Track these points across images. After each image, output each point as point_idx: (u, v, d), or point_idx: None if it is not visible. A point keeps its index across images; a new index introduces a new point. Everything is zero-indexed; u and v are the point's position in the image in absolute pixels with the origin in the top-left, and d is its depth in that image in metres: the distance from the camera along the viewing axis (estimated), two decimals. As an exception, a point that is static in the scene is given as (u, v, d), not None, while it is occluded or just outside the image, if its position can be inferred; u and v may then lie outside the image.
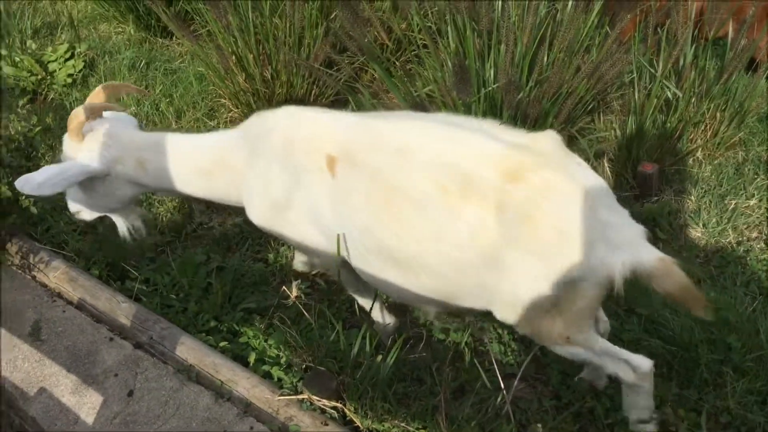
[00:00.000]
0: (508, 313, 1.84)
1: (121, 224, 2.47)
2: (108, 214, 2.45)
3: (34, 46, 4.20)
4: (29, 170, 2.42)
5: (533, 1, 2.82)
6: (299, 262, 2.70)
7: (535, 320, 1.82)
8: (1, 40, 4.22)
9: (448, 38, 3.13)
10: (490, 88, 2.85)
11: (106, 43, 4.40)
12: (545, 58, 2.88)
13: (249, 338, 2.49)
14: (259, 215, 2.12)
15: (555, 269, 1.70)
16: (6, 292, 2.71)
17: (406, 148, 1.84)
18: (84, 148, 2.20)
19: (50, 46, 4.26)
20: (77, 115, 2.18)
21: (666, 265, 1.70)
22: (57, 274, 2.69)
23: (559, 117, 2.75)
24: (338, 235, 1.96)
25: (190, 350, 2.36)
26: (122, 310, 2.52)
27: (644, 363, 1.92)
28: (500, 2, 2.95)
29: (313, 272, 2.75)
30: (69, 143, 2.23)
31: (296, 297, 2.45)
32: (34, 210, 2.72)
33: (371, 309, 2.31)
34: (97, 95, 2.30)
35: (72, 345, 2.49)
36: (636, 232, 1.75)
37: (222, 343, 2.45)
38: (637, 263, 1.69)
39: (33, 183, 2.13)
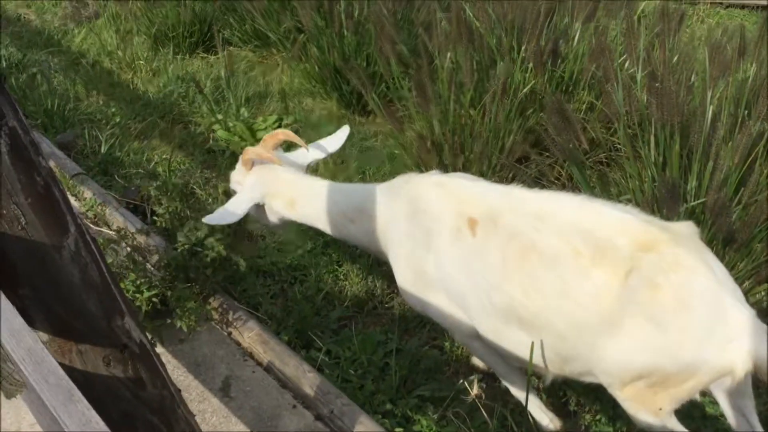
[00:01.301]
0: (614, 377, 1.88)
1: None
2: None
3: (246, 113, 4.60)
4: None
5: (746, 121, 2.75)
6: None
7: (640, 390, 1.85)
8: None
9: (649, 147, 3.09)
10: (692, 204, 2.77)
11: (310, 116, 4.74)
12: (759, 180, 2.77)
13: (422, 427, 2.53)
14: (401, 278, 2.33)
15: (672, 341, 1.74)
16: (204, 345, 2.93)
17: (545, 213, 1.98)
18: (249, 179, 2.62)
19: (260, 116, 4.65)
20: (248, 152, 2.61)
21: None
22: (251, 335, 2.87)
23: (771, 245, 2.61)
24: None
25: (367, 431, 2.42)
26: (308, 379, 2.64)
27: None
28: (708, 115, 2.89)
29: (490, 369, 2.75)
30: (240, 170, 2.68)
31: (477, 395, 2.46)
32: (243, 266, 2.93)
33: (526, 402, 2.29)
34: (272, 137, 2.66)
35: (258, 406, 2.64)
36: (761, 327, 1.74)
37: (397, 429, 2.50)
38: (760, 356, 1.69)
39: (218, 216, 2.55)
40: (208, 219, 2.55)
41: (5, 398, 1.30)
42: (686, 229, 1.91)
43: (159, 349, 2.84)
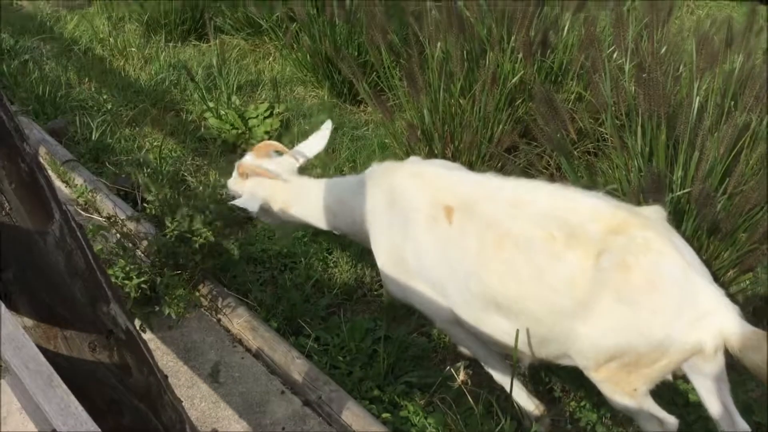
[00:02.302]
0: (589, 358, 1.94)
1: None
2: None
3: (238, 101, 4.60)
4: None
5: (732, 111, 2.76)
6: (465, 344, 2.75)
7: (613, 370, 1.91)
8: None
9: (636, 137, 3.11)
10: (678, 194, 2.80)
11: (301, 105, 4.74)
12: (743, 170, 2.79)
13: (409, 413, 2.55)
14: (382, 266, 2.39)
15: (642, 321, 1.80)
16: (193, 331, 2.95)
17: (520, 201, 2.04)
18: (246, 188, 2.76)
19: (252, 104, 4.65)
20: (243, 166, 2.77)
21: (759, 338, 1.73)
22: (240, 322, 2.89)
23: (754, 235, 2.64)
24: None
25: (355, 417, 2.44)
26: (296, 365, 2.66)
27: (671, 420, 2.02)
28: (695, 106, 2.91)
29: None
30: (237, 180, 2.82)
31: (463, 381, 2.49)
32: (235, 253, 2.95)
33: (511, 388, 2.33)
34: (263, 148, 2.81)
35: (246, 392, 2.66)
36: (729, 306, 1.80)
37: (384, 414, 2.53)
38: (729, 332, 1.75)
39: (241, 202, 2.69)
40: (236, 202, 2.69)
41: (-12, 382, 1.32)
42: (655, 213, 1.97)
43: (148, 335, 2.86)
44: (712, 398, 2.02)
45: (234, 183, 2.85)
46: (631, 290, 1.81)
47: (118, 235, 3.01)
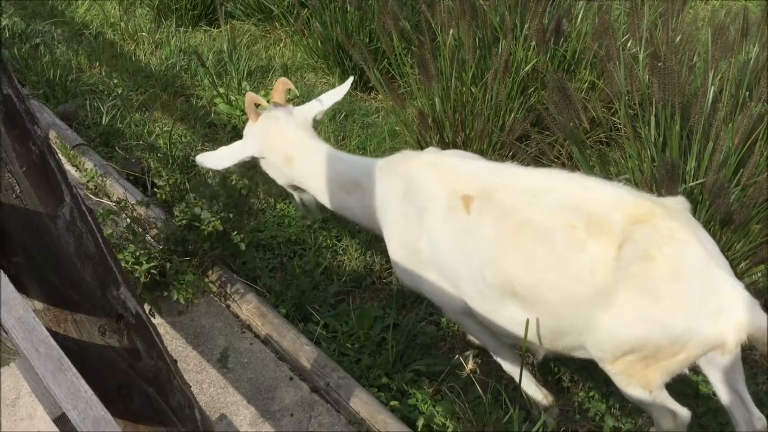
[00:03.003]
0: (606, 349, 1.91)
1: (296, 197, 2.73)
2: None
3: (248, 87, 4.58)
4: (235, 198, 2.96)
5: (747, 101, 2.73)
6: (474, 334, 2.74)
7: (630, 363, 1.89)
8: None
9: (649, 127, 3.08)
10: (691, 184, 2.77)
11: (312, 91, 4.72)
12: (758, 161, 2.76)
13: (417, 401, 2.55)
14: (394, 255, 2.33)
15: (663, 312, 1.77)
16: (202, 317, 2.95)
17: (538, 189, 2.00)
18: (252, 129, 2.55)
19: (262, 90, 4.63)
20: (251, 99, 2.53)
21: None
22: (249, 308, 2.89)
23: (767, 227, 2.62)
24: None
25: (363, 404, 2.44)
26: (304, 352, 2.67)
27: (685, 413, 2.01)
28: (710, 96, 2.88)
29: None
30: (248, 123, 2.60)
31: (471, 370, 2.48)
32: (242, 246, 2.94)
33: (520, 379, 2.32)
34: (276, 90, 2.64)
35: (255, 378, 2.67)
36: (748, 298, 1.78)
37: (392, 402, 2.53)
38: (751, 326, 1.73)
39: (209, 159, 2.53)
40: (199, 158, 2.55)
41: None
42: (679, 204, 1.93)
43: (157, 320, 2.87)
44: (727, 388, 2.00)
45: (247, 126, 2.63)
46: (654, 281, 1.77)
47: (128, 220, 3.02)
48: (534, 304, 1.98)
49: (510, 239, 1.98)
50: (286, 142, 2.50)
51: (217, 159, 2.54)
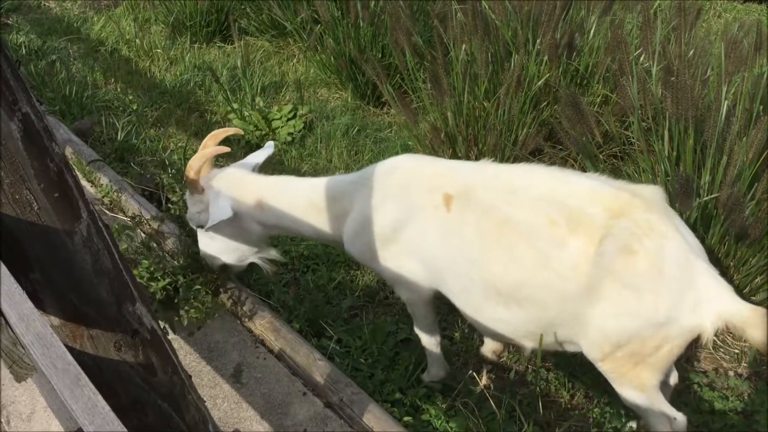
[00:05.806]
0: (594, 346, 1.94)
1: (259, 261, 2.76)
2: (244, 261, 2.75)
3: (261, 103, 4.61)
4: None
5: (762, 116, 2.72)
6: (489, 350, 2.73)
7: (620, 361, 1.91)
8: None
9: (663, 141, 3.07)
10: (705, 199, 2.76)
11: (325, 107, 4.75)
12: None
13: (431, 417, 2.54)
14: (360, 246, 2.33)
15: (646, 305, 1.81)
16: (216, 332, 2.96)
17: (517, 186, 2.03)
18: (211, 194, 2.49)
19: (276, 105, 4.67)
20: (191, 168, 2.48)
21: (759, 315, 1.76)
22: (263, 323, 2.90)
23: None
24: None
25: (376, 419, 2.44)
26: (318, 367, 2.66)
27: (681, 418, 2.01)
28: (723, 110, 2.87)
29: (501, 359, 2.77)
30: (194, 197, 2.55)
31: (485, 386, 2.47)
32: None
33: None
34: (209, 142, 2.61)
35: (268, 393, 2.67)
36: (727, 286, 1.83)
37: (406, 417, 2.52)
38: (730, 313, 1.78)
39: (212, 218, 2.47)
40: (208, 227, 2.50)
41: (16, 381, 1.33)
42: (655, 194, 1.95)
43: (171, 335, 2.88)
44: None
45: (191, 201, 2.58)
46: (636, 275, 1.81)
47: (143, 235, 3.04)
48: (520, 300, 2.00)
49: (492, 238, 2.00)
50: (252, 187, 2.52)
51: (217, 214, 2.47)
